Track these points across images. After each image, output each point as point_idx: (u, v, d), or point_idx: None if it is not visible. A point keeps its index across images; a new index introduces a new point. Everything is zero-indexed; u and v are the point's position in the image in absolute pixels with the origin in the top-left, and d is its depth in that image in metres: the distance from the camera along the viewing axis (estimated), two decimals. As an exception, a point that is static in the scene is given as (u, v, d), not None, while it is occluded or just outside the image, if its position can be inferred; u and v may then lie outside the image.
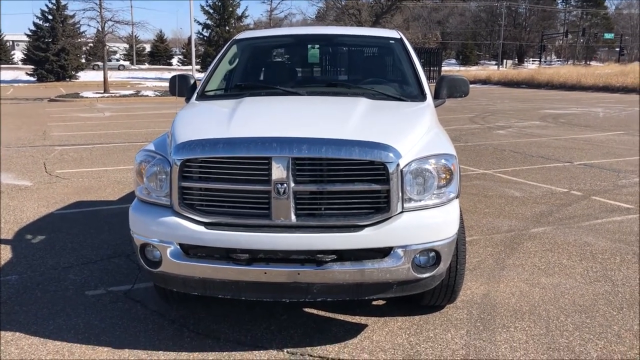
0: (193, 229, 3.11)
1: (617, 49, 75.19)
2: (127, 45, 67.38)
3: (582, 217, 6.14)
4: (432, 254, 3.16)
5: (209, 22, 42.20)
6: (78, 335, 3.54)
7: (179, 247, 3.16)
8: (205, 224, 3.12)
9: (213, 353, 3.32)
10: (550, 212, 6.33)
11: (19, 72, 44.64)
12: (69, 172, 8.76)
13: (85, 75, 42.25)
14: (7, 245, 5.25)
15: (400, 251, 3.06)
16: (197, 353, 3.32)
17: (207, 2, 41.90)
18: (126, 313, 3.84)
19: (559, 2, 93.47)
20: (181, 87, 4.68)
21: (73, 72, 40.89)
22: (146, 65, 68.13)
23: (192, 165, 3.14)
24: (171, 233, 3.16)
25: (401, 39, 5.05)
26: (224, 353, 3.31)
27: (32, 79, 40.29)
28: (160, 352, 3.33)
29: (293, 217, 3.05)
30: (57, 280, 4.42)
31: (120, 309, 3.91)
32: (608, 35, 78.41)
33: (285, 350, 3.34)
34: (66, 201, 6.84)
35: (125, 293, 4.18)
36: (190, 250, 3.17)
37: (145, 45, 76.38)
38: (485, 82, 41.08)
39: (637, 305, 3.93)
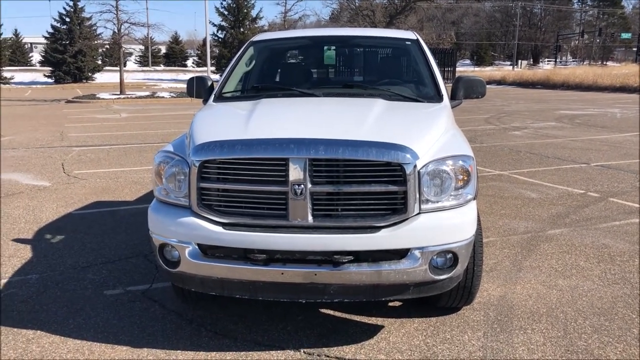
0: (211, 230, 3.14)
1: (635, 49, 74.29)
2: (142, 47, 67.87)
3: (600, 219, 6.09)
4: (450, 255, 3.16)
5: (223, 23, 42.36)
6: (97, 334, 3.58)
7: (197, 247, 3.19)
8: (223, 225, 3.15)
9: (230, 353, 3.34)
10: (567, 214, 6.29)
11: (37, 74, 45.17)
12: (87, 172, 8.86)
13: (101, 77, 42.66)
14: (27, 244, 5.33)
15: (417, 252, 3.06)
16: (214, 353, 3.34)
17: (221, 3, 42.10)
18: (144, 312, 3.88)
19: (574, 1, 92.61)
20: (199, 89, 4.72)
21: (89, 74, 41.31)
22: (161, 67, 68.58)
23: (210, 167, 3.17)
24: (190, 233, 3.19)
25: (417, 40, 5.04)
26: (241, 353, 3.34)
27: (49, 80, 40.77)
28: (178, 351, 3.36)
29: (310, 218, 3.07)
30: (76, 280, 4.48)
31: (138, 308, 3.96)
32: (625, 35, 77.46)
33: (302, 351, 3.36)
34: (84, 201, 6.92)
35: (143, 293, 4.22)
36: (208, 251, 3.20)
37: (160, 47, 76.88)
38: (500, 82, 40.80)
39: (657, 308, 3.90)
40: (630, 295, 4.11)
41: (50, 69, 41.61)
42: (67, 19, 40.24)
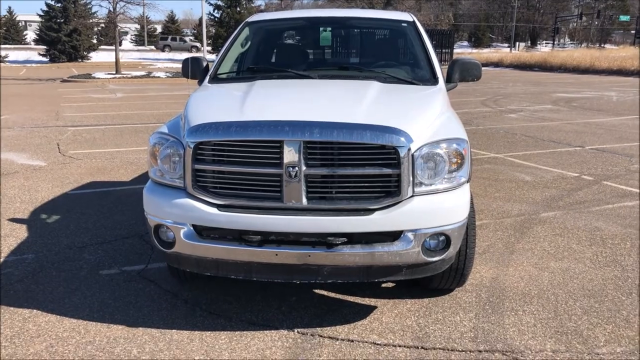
0: (206, 211, 3.16)
1: (633, 32, 73.99)
2: (138, 26, 67.29)
3: (593, 202, 6.13)
4: (442, 237, 3.19)
5: (220, 2, 42.01)
6: (93, 314, 3.62)
7: (192, 228, 3.21)
8: (218, 206, 3.17)
9: (225, 332, 3.38)
10: (560, 197, 6.33)
11: (32, 53, 44.79)
12: (82, 152, 8.85)
13: (97, 56, 42.35)
14: (22, 224, 5.34)
15: (410, 235, 3.09)
16: (209, 332, 3.38)
17: (218, -18, 41.68)
18: (140, 292, 3.92)
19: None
20: (194, 70, 4.70)
21: (85, 53, 40.99)
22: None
23: (205, 148, 3.18)
24: (185, 214, 3.21)
25: (414, 21, 5.03)
26: (236, 332, 3.38)
27: (44, 59, 40.45)
28: (173, 330, 3.40)
29: (304, 200, 3.09)
30: (72, 260, 4.51)
31: (134, 288, 3.99)
32: (623, 18, 77.05)
33: (295, 331, 3.40)
34: (80, 181, 6.92)
35: (139, 273, 4.25)
36: (203, 232, 3.22)
37: (156, 26, 76.26)
38: (497, 64, 40.68)
39: (646, 291, 3.95)
40: (621, 278, 4.17)
41: (45, 47, 41.26)
42: (62, -3, 39.80)
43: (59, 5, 40.00)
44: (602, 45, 73.30)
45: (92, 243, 4.87)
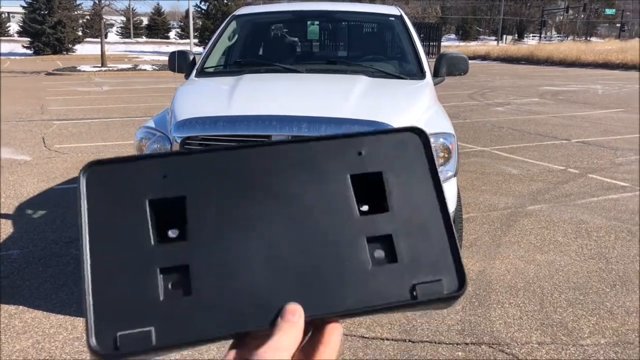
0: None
1: (618, 25, 74.65)
2: (124, 19, 66.67)
3: (578, 195, 6.19)
4: (429, 231, 3.20)
5: (206, -6, 41.71)
6: (80, 309, 3.60)
7: (179, 223, 3.20)
8: (206, 201, 3.16)
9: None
10: (546, 190, 6.39)
11: (15, 45, 44.19)
12: (68, 146, 8.77)
13: (82, 49, 41.89)
14: (8, 220, 5.29)
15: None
16: (197, 327, 3.38)
17: (204, -26, 41.38)
18: (127, 287, 3.90)
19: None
20: (180, 63, 4.68)
21: (70, 45, 40.54)
22: (144, 39, 67.50)
23: (192, 143, 3.17)
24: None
25: (401, 16, 5.03)
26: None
27: (28, 51, 39.93)
28: (161, 325, 3.39)
29: (292, 195, 3.09)
30: (59, 255, 4.48)
31: (121, 283, 3.97)
32: (609, 11, 77.73)
33: (284, 325, 3.41)
34: (66, 176, 6.87)
35: (126, 268, 4.23)
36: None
37: (142, 18, 75.57)
38: (484, 58, 40.80)
39: (630, 283, 4.01)
40: (605, 270, 4.22)
41: (28, 39, 40.74)
42: (46, -12, 39.29)
43: (43, -4, 39.50)
44: (588, 39, 73.86)
45: (78, 238, 4.82)
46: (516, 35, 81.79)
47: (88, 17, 38.37)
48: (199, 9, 42.39)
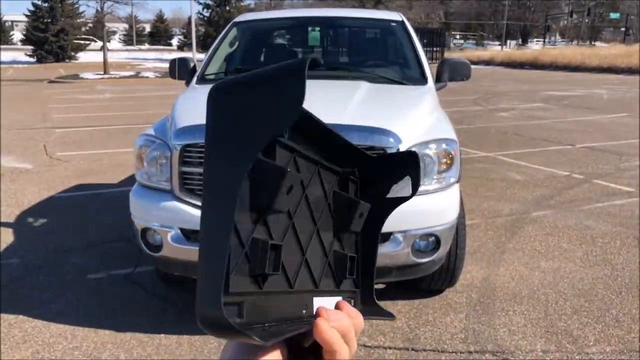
0: (194, 214, 3.12)
1: (623, 29, 74.49)
2: (126, 26, 66.99)
3: (583, 201, 6.14)
4: (432, 238, 3.17)
5: (209, 1, 41.83)
6: (80, 319, 3.57)
7: (179, 231, 3.17)
8: (206, 209, 3.13)
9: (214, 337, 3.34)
10: (551, 196, 6.33)
11: (19, 53, 44.38)
12: (70, 154, 8.76)
13: (84, 56, 42.04)
14: (8, 228, 5.27)
15: (399, 236, 3.07)
16: (198, 336, 3.34)
17: (207, -19, 41.52)
18: (127, 296, 3.87)
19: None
20: (181, 70, 4.66)
21: (72, 53, 40.68)
22: (146, 46, 67.76)
23: (192, 150, 3.14)
24: (172, 217, 3.17)
25: (403, 21, 5.00)
26: (225, 336, 3.34)
27: (31, 59, 40.08)
28: (161, 335, 3.36)
29: (293, 202, 3.05)
30: (59, 264, 4.45)
31: (121, 292, 3.94)
32: (613, 15, 77.57)
33: (285, 334, 3.37)
34: (67, 184, 6.85)
35: (126, 276, 4.20)
36: (191, 235, 3.18)
37: (144, 25, 75.93)
38: (488, 63, 40.73)
39: (636, 289, 3.95)
40: (610, 277, 4.17)
41: (32, 47, 40.91)
42: (49, -4, 39.47)
43: (45, 5, 39.66)
44: (593, 43, 73.74)
45: (79, 247, 4.81)
46: (520, 40, 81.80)
47: (91, 25, 38.51)
48: (202, 16, 42.52)
